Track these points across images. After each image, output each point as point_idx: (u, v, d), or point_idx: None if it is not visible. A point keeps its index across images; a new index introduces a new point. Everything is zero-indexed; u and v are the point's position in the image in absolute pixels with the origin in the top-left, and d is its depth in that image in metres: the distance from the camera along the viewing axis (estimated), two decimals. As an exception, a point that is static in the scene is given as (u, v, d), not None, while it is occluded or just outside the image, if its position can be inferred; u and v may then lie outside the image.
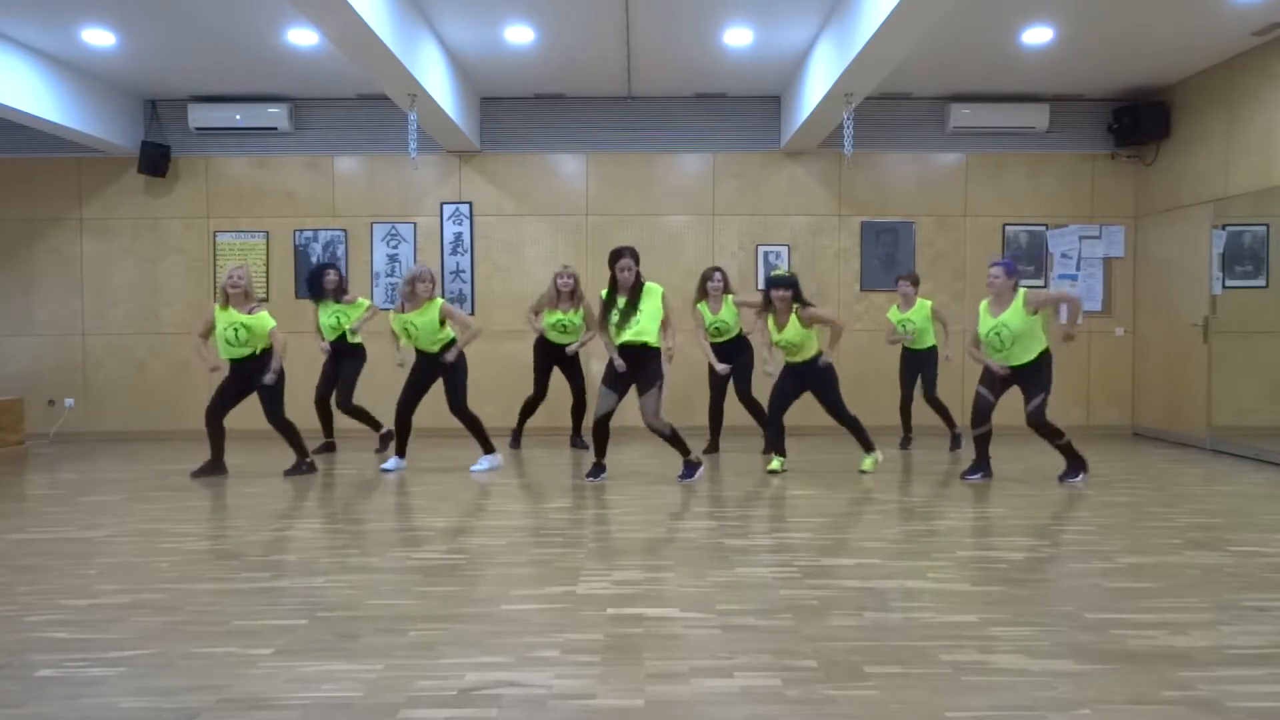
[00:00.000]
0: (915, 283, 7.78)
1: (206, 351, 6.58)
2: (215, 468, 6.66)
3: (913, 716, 2.54)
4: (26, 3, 6.52)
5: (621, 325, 6.07)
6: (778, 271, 6.72)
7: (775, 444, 6.70)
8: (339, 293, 7.63)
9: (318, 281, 7.62)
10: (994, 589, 3.75)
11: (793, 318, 6.44)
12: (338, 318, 7.57)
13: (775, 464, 6.64)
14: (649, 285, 6.14)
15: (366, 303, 7.78)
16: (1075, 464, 6.19)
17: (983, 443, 6.30)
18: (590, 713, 2.58)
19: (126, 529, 4.97)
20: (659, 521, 5.09)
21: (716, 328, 7.30)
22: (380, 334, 7.82)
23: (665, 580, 3.87)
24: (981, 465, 6.32)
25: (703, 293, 7.35)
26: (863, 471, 6.61)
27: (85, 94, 8.15)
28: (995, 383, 6.18)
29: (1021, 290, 6.08)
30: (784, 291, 6.42)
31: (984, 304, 6.26)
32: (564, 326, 7.69)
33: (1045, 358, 6.06)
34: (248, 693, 2.71)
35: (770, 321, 6.56)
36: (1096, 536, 4.70)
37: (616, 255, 6.09)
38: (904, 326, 7.67)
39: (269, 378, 6.41)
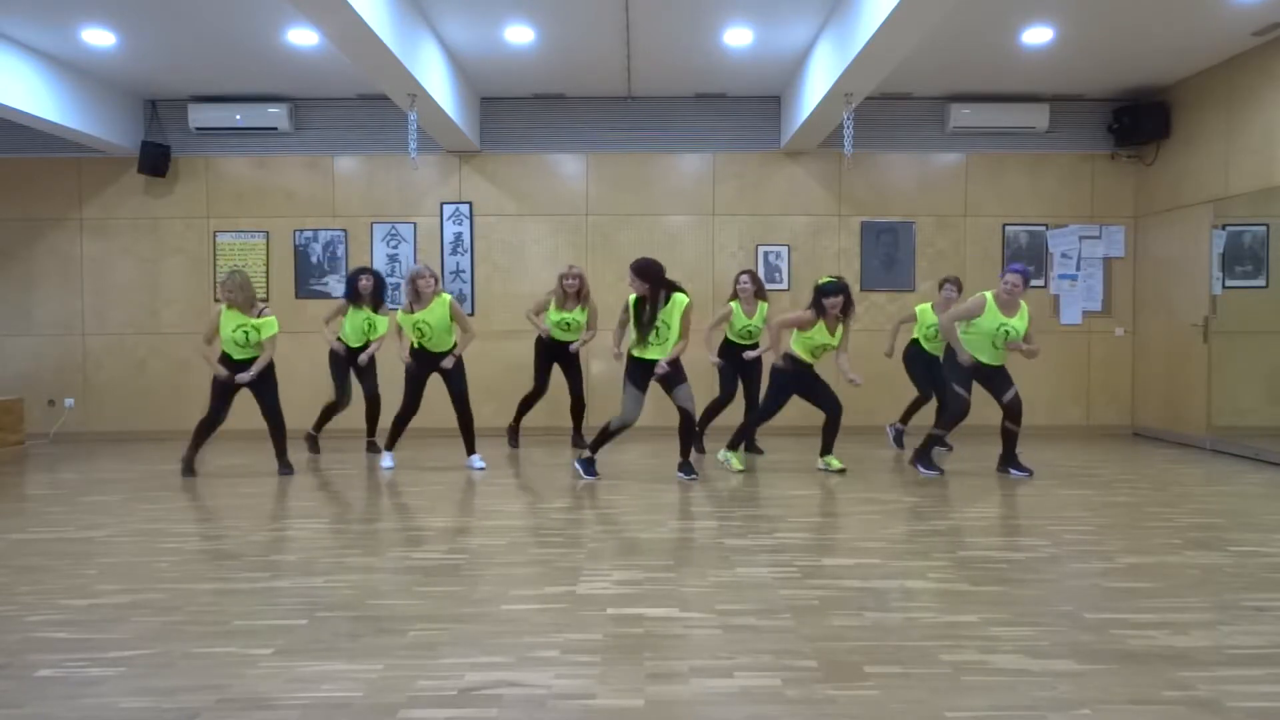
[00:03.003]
0: (960, 288, 7.59)
1: (213, 357, 6.51)
2: (189, 466, 6.68)
3: (913, 716, 2.55)
4: (26, 3, 6.51)
5: (643, 339, 6.16)
6: (828, 278, 6.56)
7: (750, 440, 6.78)
8: (376, 300, 7.56)
9: (353, 285, 7.57)
10: (994, 589, 3.75)
11: (841, 325, 6.51)
12: (368, 324, 7.55)
13: (738, 462, 6.76)
14: (676, 297, 6.15)
15: (385, 325, 7.57)
16: (1017, 460, 6.54)
17: (939, 441, 6.70)
18: (590, 713, 2.58)
19: (126, 529, 4.97)
20: (659, 521, 5.09)
21: (748, 330, 7.31)
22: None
23: (665, 580, 3.87)
24: (931, 457, 6.68)
25: (736, 294, 7.38)
26: (836, 471, 6.62)
27: (85, 94, 8.14)
28: (969, 381, 6.38)
29: (1024, 304, 6.41)
30: (838, 298, 6.38)
31: (990, 297, 6.36)
32: (567, 325, 7.74)
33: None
34: (248, 693, 2.71)
35: (822, 326, 6.45)
36: (1096, 536, 4.70)
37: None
38: (935, 331, 7.61)
39: (245, 377, 6.42)
